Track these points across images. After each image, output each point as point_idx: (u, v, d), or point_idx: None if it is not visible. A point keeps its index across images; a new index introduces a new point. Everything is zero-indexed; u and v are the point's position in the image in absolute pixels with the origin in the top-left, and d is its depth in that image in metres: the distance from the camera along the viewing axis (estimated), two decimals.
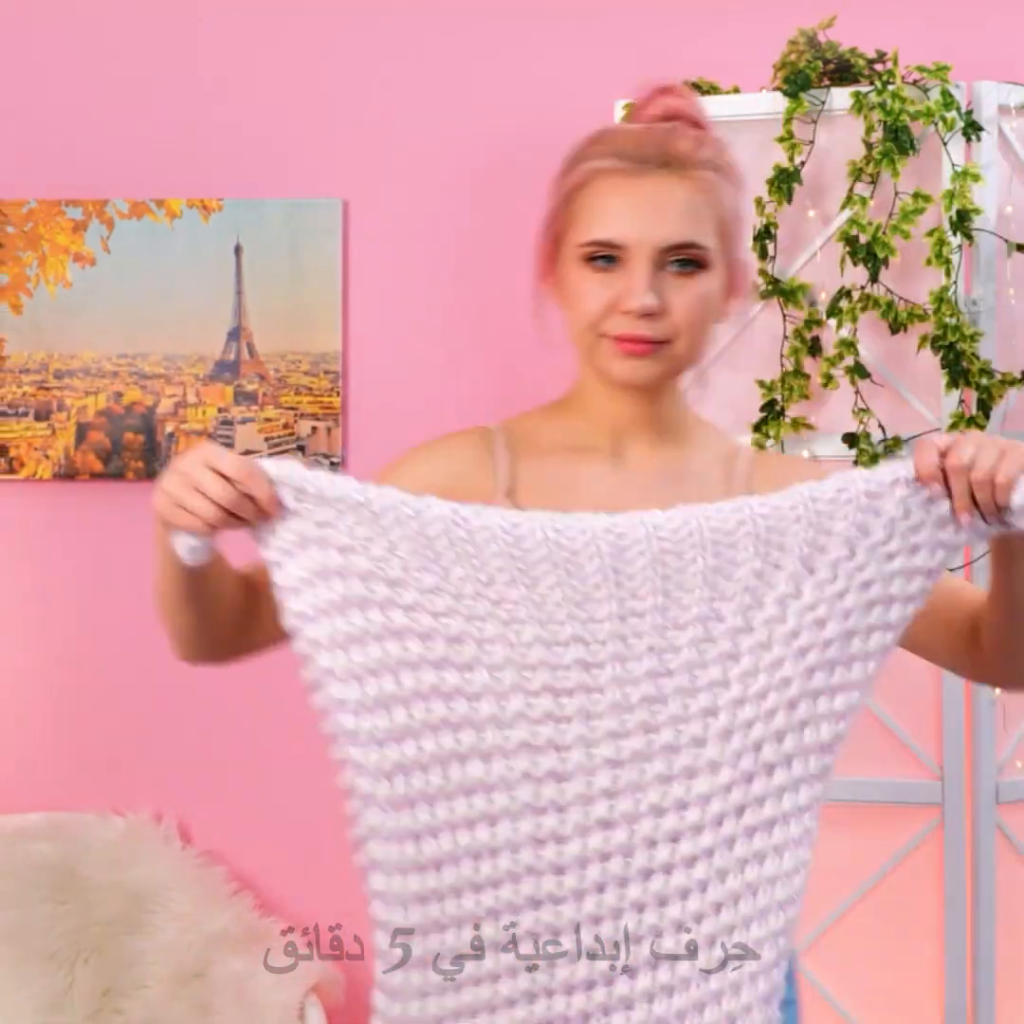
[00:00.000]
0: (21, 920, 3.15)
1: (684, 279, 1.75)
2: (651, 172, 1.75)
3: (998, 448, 1.59)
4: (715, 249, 1.77)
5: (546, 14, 3.31)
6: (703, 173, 1.77)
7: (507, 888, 1.64)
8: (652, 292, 1.73)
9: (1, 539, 3.38)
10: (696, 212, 1.75)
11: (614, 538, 1.64)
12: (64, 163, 3.35)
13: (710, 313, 1.79)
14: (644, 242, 1.73)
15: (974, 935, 2.88)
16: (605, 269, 1.75)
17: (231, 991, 3.10)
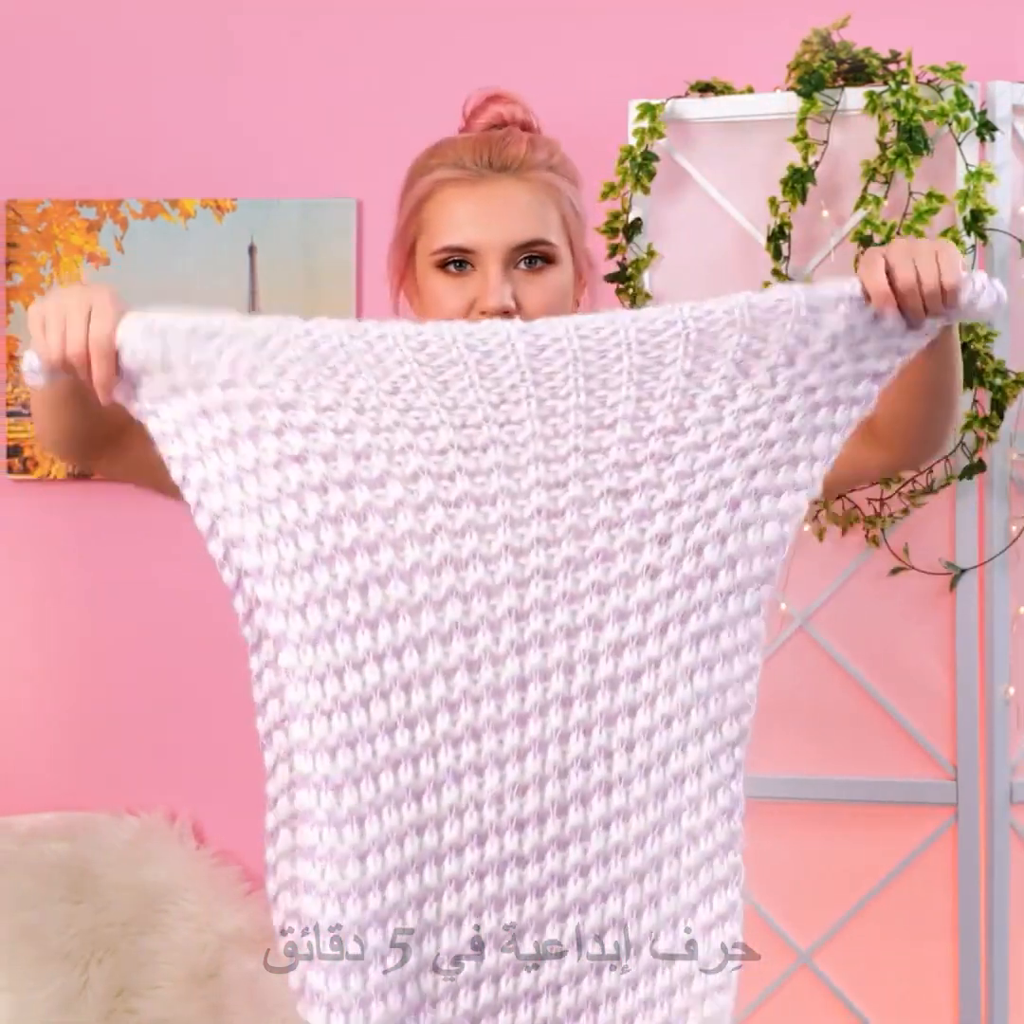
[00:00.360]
0: (36, 920, 3.16)
1: (535, 275, 1.82)
2: (491, 177, 1.83)
3: (933, 252, 1.62)
4: (561, 244, 1.85)
5: (559, 15, 3.31)
6: (540, 174, 1.86)
7: (445, 718, 1.55)
8: (506, 291, 1.79)
9: (15, 539, 3.38)
10: (538, 210, 1.83)
11: (531, 338, 1.59)
12: (78, 163, 3.36)
13: (564, 304, 1.85)
14: (493, 244, 1.80)
15: (988, 935, 2.88)
16: (459, 274, 1.82)
17: (245, 991, 3.11)
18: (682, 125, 2.98)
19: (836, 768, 2.96)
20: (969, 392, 2.82)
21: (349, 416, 1.55)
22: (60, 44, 3.37)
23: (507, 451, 1.58)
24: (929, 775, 2.93)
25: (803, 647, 2.97)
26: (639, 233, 2.95)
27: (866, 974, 2.98)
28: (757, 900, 2.99)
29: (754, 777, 2.91)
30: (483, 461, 1.57)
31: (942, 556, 2.89)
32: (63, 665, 3.37)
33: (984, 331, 2.79)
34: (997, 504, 2.88)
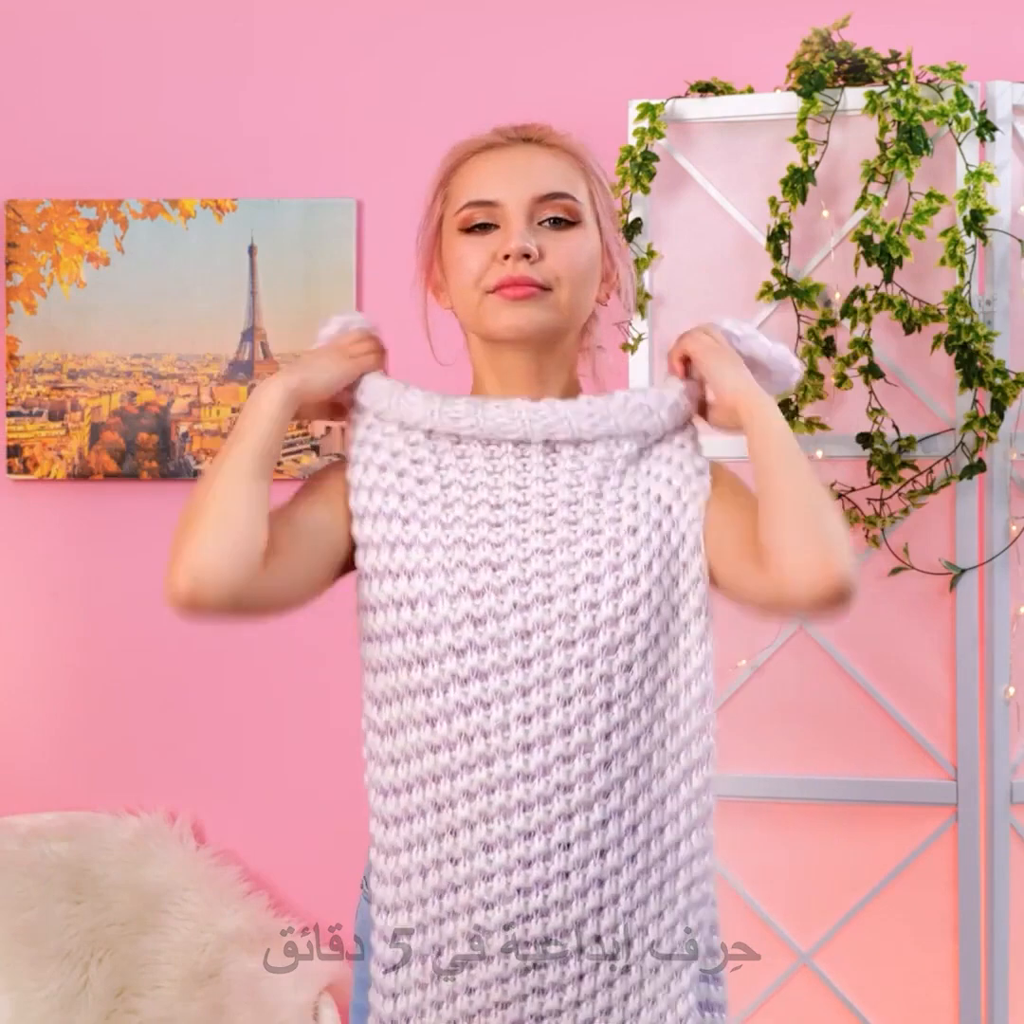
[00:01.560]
0: (37, 920, 3.16)
1: (559, 232, 1.83)
2: (517, 144, 1.86)
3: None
4: (586, 207, 1.85)
5: (559, 16, 3.31)
6: (567, 142, 1.88)
7: (451, 661, 1.76)
8: (528, 236, 1.80)
9: (16, 539, 3.38)
10: (564, 171, 1.85)
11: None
12: (78, 163, 3.36)
13: (589, 267, 1.85)
14: (516, 196, 1.82)
15: (988, 935, 2.88)
16: (484, 233, 1.83)
17: (245, 991, 3.11)
18: (682, 125, 2.98)
19: (836, 768, 2.96)
20: (969, 392, 2.83)
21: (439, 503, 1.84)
22: (60, 45, 3.37)
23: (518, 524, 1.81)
24: (929, 775, 2.94)
25: (803, 647, 2.97)
26: (639, 233, 2.95)
27: (866, 974, 2.98)
28: (757, 900, 2.99)
29: (755, 777, 2.92)
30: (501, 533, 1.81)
31: (942, 556, 2.90)
32: (63, 665, 3.37)
33: (984, 331, 2.79)
34: (997, 504, 2.88)
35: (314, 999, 3.09)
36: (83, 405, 3.34)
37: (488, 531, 1.80)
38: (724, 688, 2.98)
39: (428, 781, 1.78)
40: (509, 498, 1.81)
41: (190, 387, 3.34)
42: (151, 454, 3.34)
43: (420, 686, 1.77)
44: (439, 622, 1.77)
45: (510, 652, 1.76)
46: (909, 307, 2.83)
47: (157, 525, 3.39)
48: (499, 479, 1.82)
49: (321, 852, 3.31)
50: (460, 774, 1.76)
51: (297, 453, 3.31)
